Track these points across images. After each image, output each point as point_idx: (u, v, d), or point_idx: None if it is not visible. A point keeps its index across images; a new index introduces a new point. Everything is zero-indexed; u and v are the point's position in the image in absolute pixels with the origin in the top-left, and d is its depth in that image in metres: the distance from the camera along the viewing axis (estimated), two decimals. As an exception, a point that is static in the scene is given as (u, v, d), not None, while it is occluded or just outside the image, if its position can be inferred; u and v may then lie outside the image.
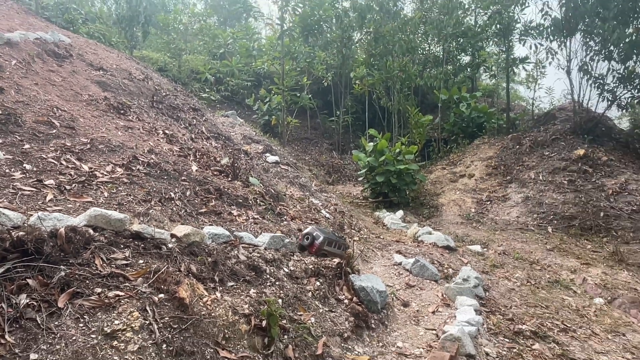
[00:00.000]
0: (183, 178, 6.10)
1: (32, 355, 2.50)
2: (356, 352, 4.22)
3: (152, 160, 6.10)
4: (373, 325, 4.76)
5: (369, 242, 8.05)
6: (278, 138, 14.04)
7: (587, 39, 13.47)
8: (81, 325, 2.72)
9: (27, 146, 5.28)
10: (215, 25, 21.43)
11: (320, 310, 4.45)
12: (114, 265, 3.20)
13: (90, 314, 2.80)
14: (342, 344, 4.23)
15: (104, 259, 3.20)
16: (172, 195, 5.41)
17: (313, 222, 7.05)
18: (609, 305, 7.04)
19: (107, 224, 3.48)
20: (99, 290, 2.96)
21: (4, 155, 4.81)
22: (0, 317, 2.56)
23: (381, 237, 8.91)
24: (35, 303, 2.72)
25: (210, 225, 4.76)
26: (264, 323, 3.54)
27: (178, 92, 10.87)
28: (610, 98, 13.79)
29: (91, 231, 3.33)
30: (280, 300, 4.07)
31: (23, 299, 2.69)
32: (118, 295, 2.97)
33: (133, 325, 2.83)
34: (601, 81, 13.67)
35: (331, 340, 4.15)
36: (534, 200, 11.41)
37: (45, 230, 3.06)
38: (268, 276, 4.36)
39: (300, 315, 4.15)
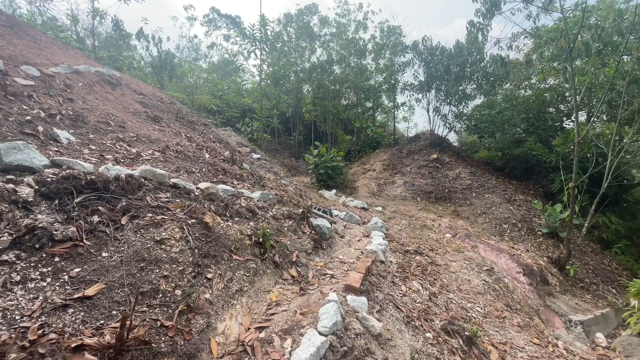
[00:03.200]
0: (200, 161, 5.67)
1: (104, 253, 2.18)
2: (315, 261, 4.10)
3: (178, 149, 5.62)
4: (324, 247, 4.66)
5: (317, 205, 7.93)
6: (258, 146, 13.57)
7: (438, 93, 14.09)
8: (138, 235, 2.41)
9: (91, 136, 4.67)
10: (217, 78, 20.40)
11: (293, 237, 4.29)
12: (159, 201, 2.88)
13: (144, 229, 2.48)
14: (307, 256, 4.09)
15: (152, 197, 2.87)
16: (194, 170, 5.01)
17: (284, 192, 6.81)
18: (454, 237, 7.38)
19: (153, 176, 3.12)
20: (150, 215, 2.64)
21: (75, 139, 4.24)
22: (79, 229, 2.21)
23: (324, 203, 8.82)
24: (104, 221, 2.37)
25: (221, 185, 4.43)
26: (260, 240, 3.34)
27: (193, 114, 10.20)
28: (449, 127, 14.51)
29: (142, 179, 2.98)
30: (268, 230, 3.87)
31: (96, 218, 2.34)
32: (164, 218, 2.67)
33: (175, 236, 2.55)
34: (445, 117, 14.34)
35: (300, 254, 4.00)
36: (409, 183, 11.79)
37: (110, 175, 2.69)
38: (260, 216, 4.14)
39: (281, 239, 3.97)
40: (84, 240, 2.15)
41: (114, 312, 1.90)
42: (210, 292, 2.46)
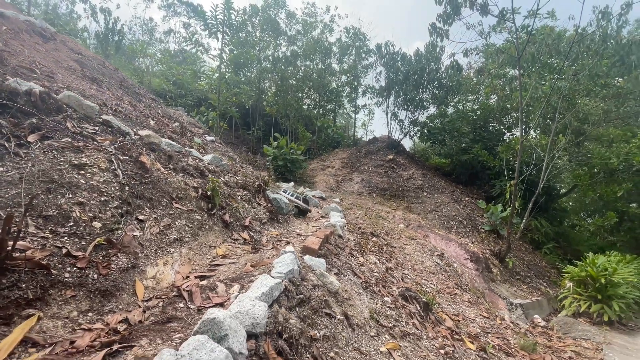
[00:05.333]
0: (144, 125, 5.03)
1: (-4, 167, 1.68)
2: (270, 230, 3.78)
3: (118, 109, 4.91)
4: (280, 221, 4.35)
5: (276, 192, 7.58)
6: (214, 133, 12.82)
7: (397, 98, 14.58)
8: (50, 156, 1.93)
9: (9, 77, 3.90)
10: (175, 63, 19.02)
11: (247, 206, 3.93)
12: (84, 130, 2.38)
13: (59, 151, 2.00)
14: (261, 226, 3.76)
15: (74, 124, 2.37)
16: (135, 130, 4.42)
17: (240, 170, 6.37)
18: (407, 227, 7.51)
19: (79, 107, 2.60)
20: (68, 139, 2.15)
21: (-18, 73, 3.46)
22: (-40, 134, 1.68)
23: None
24: (4, 133, 1.85)
25: (167, 139, 3.92)
26: (208, 193, 2.95)
27: (141, 88, 9.27)
28: (405, 133, 15.08)
29: (64, 105, 2.45)
30: (220, 190, 3.47)
31: (-11, 129, 1.82)
32: (87, 145, 2.19)
33: (100, 166, 2.10)
34: (402, 122, 14.87)
35: (254, 222, 3.65)
36: (366, 180, 11.94)
37: (20, 89, 2.16)
38: (209, 178, 3.72)
39: (234, 204, 3.60)
40: (-33, 146, 1.64)
41: None
42: (142, 234, 2.04)
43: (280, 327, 1.59)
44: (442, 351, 2.50)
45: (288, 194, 5.66)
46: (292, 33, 16.83)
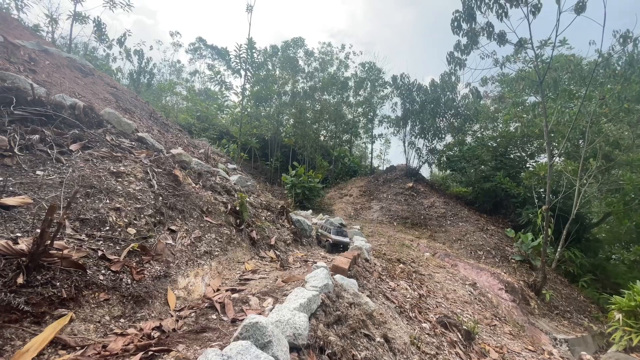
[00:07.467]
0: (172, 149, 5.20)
1: (39, 171, 1.70)
2: (295, 251, 3.63)
3: (150, 135, 5.15)
4: (304, 242, 4.21)
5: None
6: (235, 163, 13.08)
7: (413, 127, 14.65)
8: (90, 164, 1.94)
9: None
10: (200, 99, 20.10)
11: (271, 227, 3.83)
12: (122, 144, 2.43)
13: (98, 159, 2.02)
14: (286, 246, 3.63)
15: (113, 138, 2.42)
16: (165, 153, 4.53)
17: (262, 194, 6.36)
18: (433, 256, 7.12)
19: (117, 124, 2.68)
20: (108, 149, 2.18)
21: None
22: (12, 140, 1.73)
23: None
24: (47, 141, 1.90)
25: (196, 158, 3.97)
26: (237, 208, 2.89)
27: (168, 120, 9.71)
28: (423, 161, 14.95)
29: (104, 121, 2.53)
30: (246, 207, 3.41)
31: (36, 137, 1.87)
32: (124, 156, 2.21)
33: (136, 175, 2.09)
34: (419, 151, 14.79)
35: (279, 242, 3.54)
36: (385, 208, 11.68)
37: (65, 102, 2.24)
38: (238, 195, 3.69)
39: (259, 223, 3.51)
40: (16, 149, 1.67)
41: (39, 231, 1.40)
42: (173, 243, 1.97)
43: (321, 342, 1.43)
44: (494, 385, 2.20)
45: (330, 232, 4.55)
46: (309, 70, 17.61)
